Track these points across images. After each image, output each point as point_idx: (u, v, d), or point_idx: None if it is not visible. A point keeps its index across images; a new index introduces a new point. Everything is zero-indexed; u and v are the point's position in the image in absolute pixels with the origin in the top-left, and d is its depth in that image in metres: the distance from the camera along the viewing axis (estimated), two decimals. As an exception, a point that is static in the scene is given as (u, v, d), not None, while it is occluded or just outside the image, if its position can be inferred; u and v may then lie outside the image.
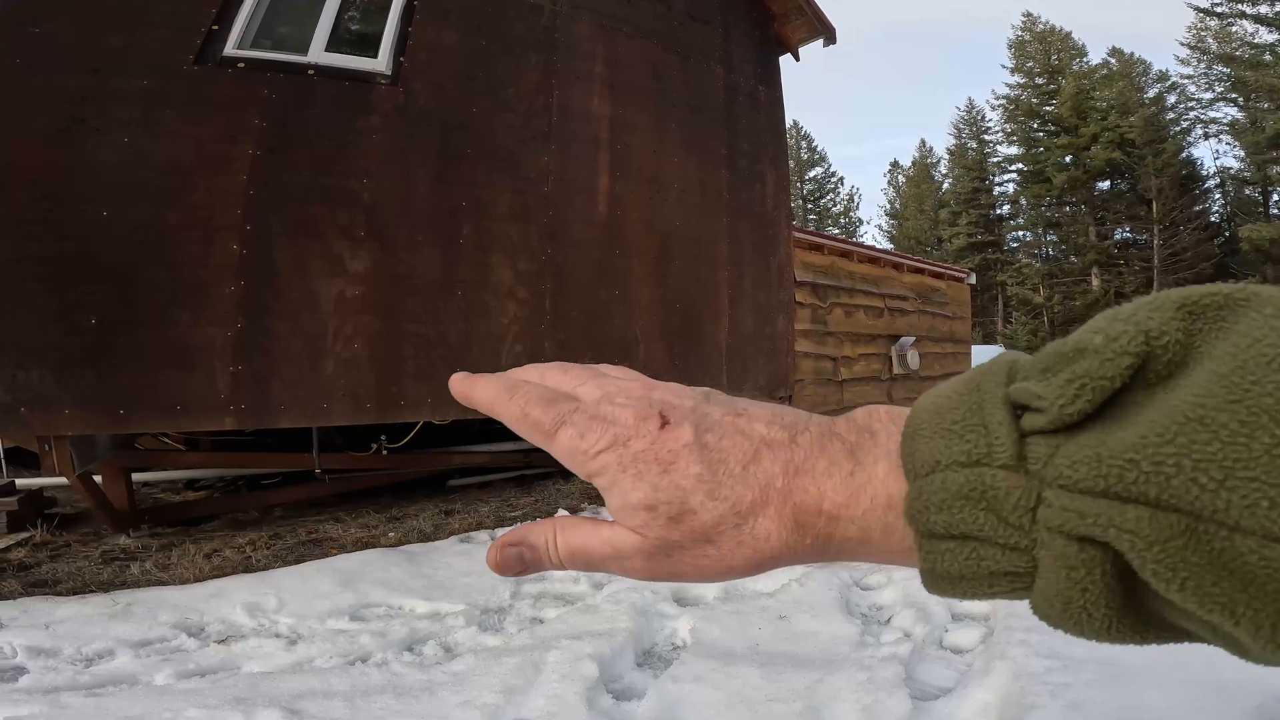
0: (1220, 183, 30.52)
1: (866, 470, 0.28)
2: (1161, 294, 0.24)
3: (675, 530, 0.30)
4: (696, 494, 0.29)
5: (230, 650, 2.30)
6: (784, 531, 0.29)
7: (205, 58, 3.31)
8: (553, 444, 0.33)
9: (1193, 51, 28.04)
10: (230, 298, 3.21)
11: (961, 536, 0.24)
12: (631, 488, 0.30)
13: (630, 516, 0.31)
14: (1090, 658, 1.95)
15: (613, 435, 0.31)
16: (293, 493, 4.23)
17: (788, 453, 0.29)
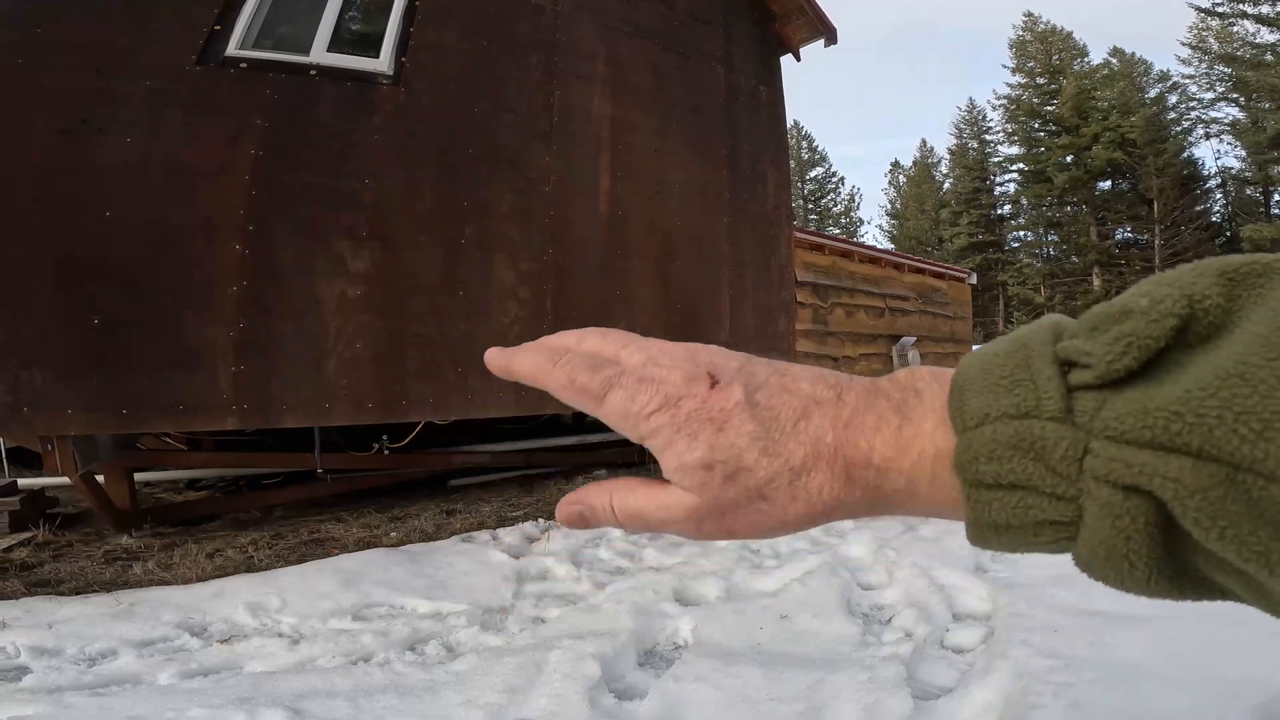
0: (1221, 183, 30.50)
1: (914, 425, 0.29)
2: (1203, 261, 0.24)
3: (731, 488, 0.31)
4: (751, 451, 0.30)
5: (233, 650, 2.30)
6: (836, 485, 0.30)
7: (207, 58, 3.31)
8: (602, 408, 0.33)
9: (1194, 51, 28.04)
10: (232, 298, 3.21)
11: (1009, 486, 0.25)
12: (687, 448, 0.31)
13: (687, 476, 0.31)
14: (1092, 657, 1.95)
15: (663, 396, 0.31)
16: (294, 492, 4.24)
17: (835, 410, 0.30)
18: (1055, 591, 2.52)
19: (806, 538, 3.57)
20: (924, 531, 3.56)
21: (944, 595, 2.63)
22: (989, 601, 2.58)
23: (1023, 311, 33.83)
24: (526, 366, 0.37)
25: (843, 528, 3.76)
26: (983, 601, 2.61)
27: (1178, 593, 0.24)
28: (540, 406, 4.24)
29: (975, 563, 3.03)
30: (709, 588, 2.83)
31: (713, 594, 2.78)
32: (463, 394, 3.86)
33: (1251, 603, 0.23)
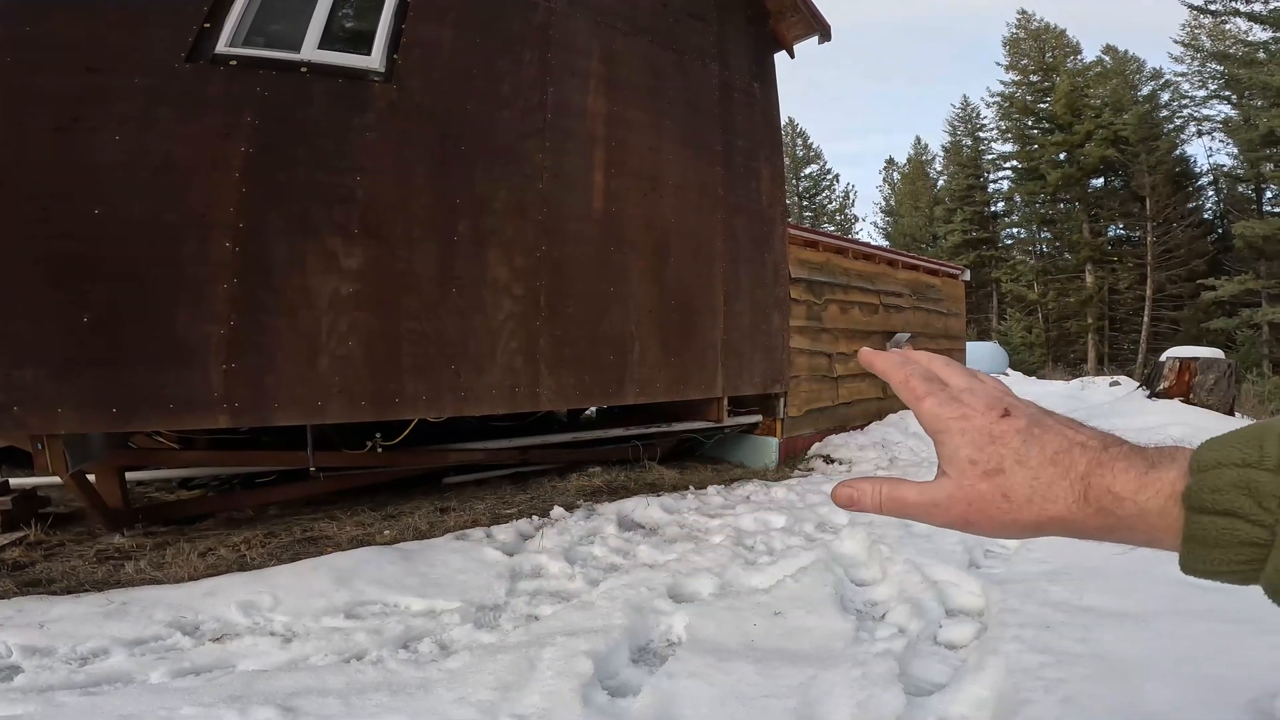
0: (1213, 180, 30.58)
1: (1159, 471, 0.37)
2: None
3: (984, 482, 0.41)
4: (1009, 461, 0.40)
5: (225, 648, 2.29)
6: (1070, 500, 0.39)
7: (197, 56, 3.30)
8: (919, 405, 0.45)
9: (1186, 49, 28.04)
10: (223, 295, 3.20)
11: (1223, 512, 0.34)
12: (963, 444, 0.42)
13: (955, 465, 0.42)
14: (1084, 653, 1.96)
15: (962, 412, 0.43)
16: (287, 491, 4.22)
17: (1095, 454, 0.39)
18: (1047, 588, 2.54)
19: (801, 534, 3.58)
20: (917, 528, 3.57)
21: (937, 591, 2.64)
22: (981, 597, 2.59)
23: (1016, 308, 33.94)
24: (883, 364, 0.49)
25: (837, 523, 3.77)
26: (975, 598, 2.62)
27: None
28: (533, 404, 4.23)
29: (968, 559, 3.04)
30: (703, 584, 2.83)
31: (706, 591, 2.79)
32: (456, 391, 3.85)
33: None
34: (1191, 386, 8.35)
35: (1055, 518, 0.39)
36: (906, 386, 0.46)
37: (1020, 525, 0.41)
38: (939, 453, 0.43)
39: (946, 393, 0.44)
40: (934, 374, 0.47)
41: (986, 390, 0.44)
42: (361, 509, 4.06)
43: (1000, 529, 0.41)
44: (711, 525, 3.78)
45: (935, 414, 0.43)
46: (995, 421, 0.41)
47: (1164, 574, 2.60)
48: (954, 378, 0.46)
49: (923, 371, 0.47)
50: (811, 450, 6.41)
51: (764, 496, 4.57)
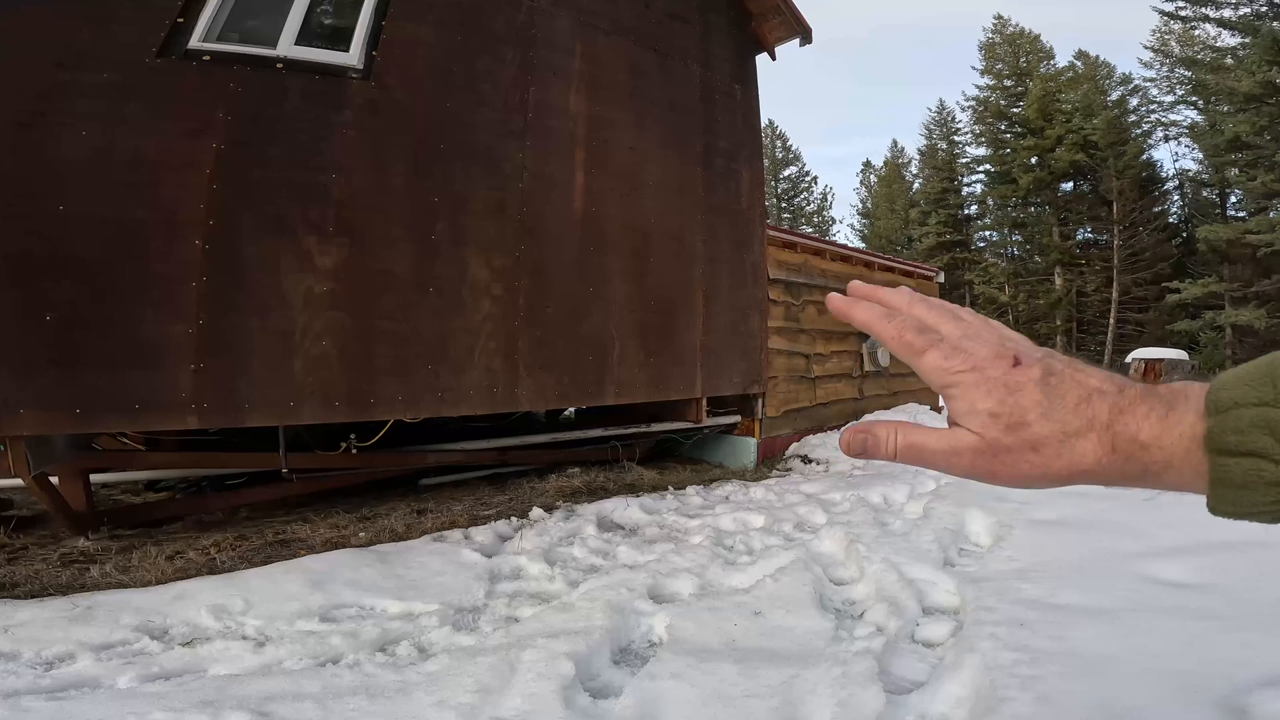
0: (1179, 184, 31.32)
1: (1178, 414, 0.37)
2: None
3: (1009, 436, 0.40)
4: (1033, 413, 0.40)
5: (195, 653, 2.24)
6: (1100, 451, 0.39)
7: (169, 51, 3.22)
8: (920, 361, 0.43)
9: (1156, 55, 28.67)
10: (192, 294, 3.13)
11: (1246, 454, 0.34)
12: (981, 398, 0.41)
13: (973, 419, 0.41)
14: (1058, 650, 1.99)
15: (972, 363, 0.41)
16: (259, 493, 4.14)
17: (1115, 399, 0.39)
18: (1021, 586, 2.58)
19: (780, 534, 3.60)
20: (894, 527, 3.61)
21: (914, 590, 2.67)
22: (957, 596, 2.63)
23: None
24: (863, 317, 0.47)
25: (815, 523, 3.79)
26: (951, 596, 2.65)
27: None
28: (512, 405, 4.20)
29: (943, 557, 3.08)
30: (683, 585, 2.83)
31: (687, 591, 2.79)
32: (434, 392, 3.81)
33: None
34: (1157, 387, 8.57)
35: (1085, 470, 0.39)
36: (901, 342, 0.44)
37: (1050, 477, 0.40)
38: (951, 406, 0.43)
39: (947, 343, 0.43)
40: (926, 324, 0.44)
41: (985, 337, 0.43)
42: (336, 511, 4.00)
43: (1027, 481, 0.41)
44: (691, 525, 3.78)
45: (941, 368, 0.42)
46: (1008, 372, 0.41)
47: (1132, 571, 2.66)
48: (943, 324, 0.44)
49: (915, 323, 0.44)
50: (789, 450, 6.46)
51: (743, 497, 4.59)
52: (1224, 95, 21.65)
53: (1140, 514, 3.41)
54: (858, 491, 4.41)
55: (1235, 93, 20.39)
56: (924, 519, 3.70)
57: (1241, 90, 19.86)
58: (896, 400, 8.52)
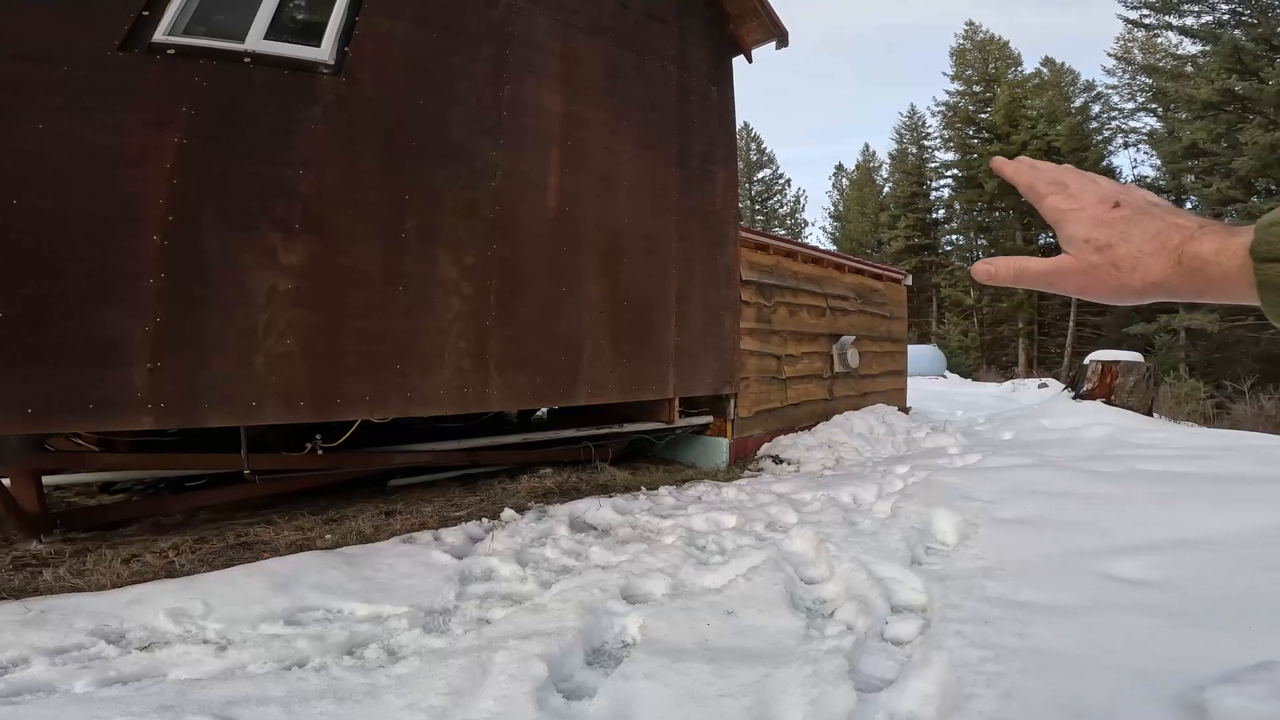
0: (1137, 191, 32.28)
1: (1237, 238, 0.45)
2: None
3: (1096, 256, 0.51)
4: (1115, 237, 0.50)
5: (154, 657, 2.17)
6: (1167, 266, 0.48)
7: (132, 44, 3.14)
8: (1043, 203, 0.56)
9: (1119, 62, 29.47)
10: (149, 290, 3.03)
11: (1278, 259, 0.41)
12: (1079, 228, 0.52)
13: (1073, 244, 0.52)
14: (1021, 647, 2.04)
15: (1078, 204, 0.53)
16: (220, 495, 4.03)
17: (1190, 232, 0.47)
18: (986, 583, 2.63)
19: (752, 533, 3.62)
20: (863, 526, 3.66)
21: (882, 588, 2.71)
22: (924, 594, 2.67)
23: (954, 313, 35.21)
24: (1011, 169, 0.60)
25: (786, 523, 3.83)
26: (918, 594, 2.69)
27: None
28: (483, 405, 4.16)
29: (910, 556, 3.13)
30: (656, 585, 2.83)
31: (660, 591, 2.79)
32: (402, 392, 3.76)
33: None
34: (1113, 388, 8.83)
35: (1155, 282, 0.48)
36: (1032, 189, 0.57)
37: (1128, 289, 0.50)
38: (1059, 236, 0.53)
39: (1066, 191, 0.55)
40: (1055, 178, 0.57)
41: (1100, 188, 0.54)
42: (301, 513, 3.91)
43: (1111, 293, 0.51)
44: (664, 526, 3.79)
45: (1056, 207, 0.54)
46: (1106, 211, 0.51)
47: (1091, 568, 2.74)
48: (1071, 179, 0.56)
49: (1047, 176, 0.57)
50: (761, 451, 6.51)
51: (715, 497, 4.61)
52: (1183, 102, 22.24)
53: (1100, 512, 3.51)
54: (828, 491, 4.46)
55: (1194, 100, 20.96)
56: (892, 518, 3.75)
57: (1200, 98, 20.44)
58: (866, 400, 8.64)
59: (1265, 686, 1.60)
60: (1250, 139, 18.45)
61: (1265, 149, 18.02)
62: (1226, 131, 20.29)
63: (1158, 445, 6.02)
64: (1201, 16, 21.52)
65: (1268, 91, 18.44)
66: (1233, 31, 19.95)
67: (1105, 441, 6.65)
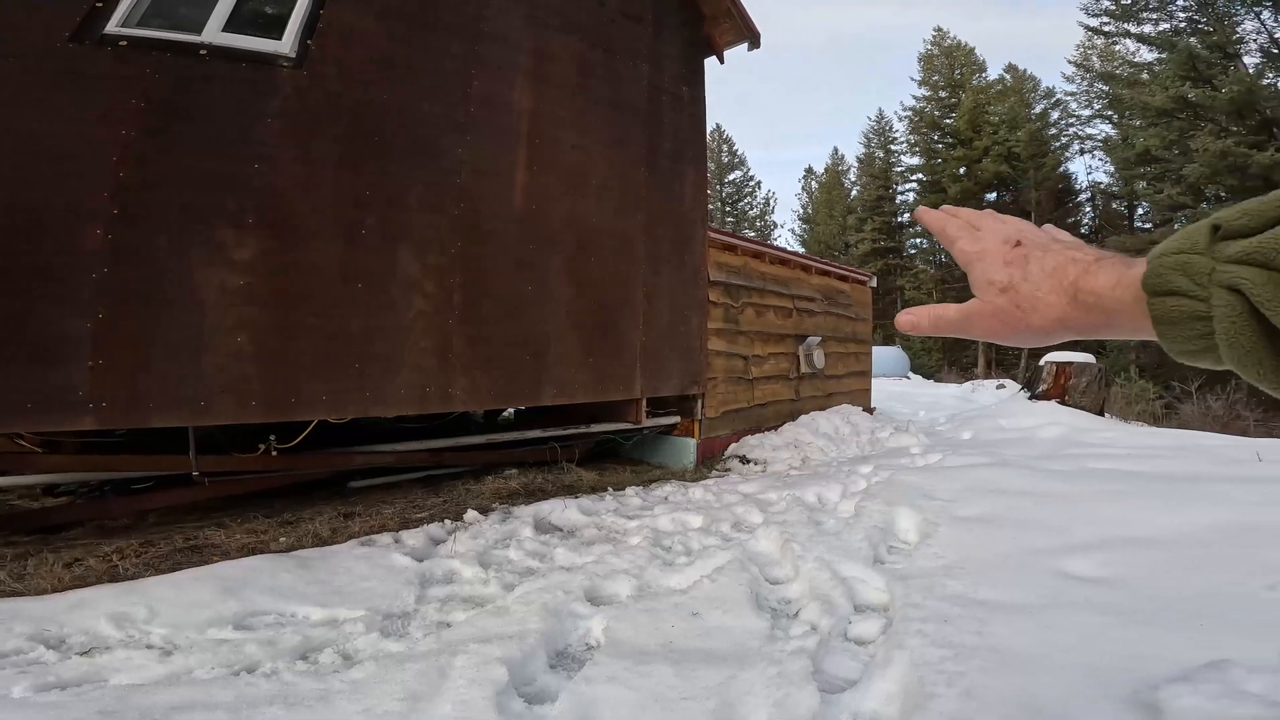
0: (1091, 196, 33.32)
1: (1130, 272, 0.43)
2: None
3: (1002, 298, 0.50)
4: (1017, 277, 0.50)
5: (95, 662, 2.09)
6: (1064, 302, 0.47)
7: (84, 36, 3.05)
8: (953, 246, 0.56)
9: (1079, 69, 30.30)
10: (92, 286, 2.92)
11: (1170, 292, 0.40)
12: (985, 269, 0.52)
13: (980, 288, 0.52)
14: (980, 645, 2.06)
15: (984, 246, 0.53)
16: (168, 497, 3.87)
17: (1086, 266, 0.47)
18: (946, 582, 2.66)
19: (718, 534, 3.62)
20: (827, 526, 3.69)
21: (846, 588, 2.72)
22: (886, 593, 2.69)
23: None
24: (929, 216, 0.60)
25: (752, 523, 3.84)
26: (881, 593, 2.72)
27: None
28: (446, 405, 4.09)
29: (873, 555, 3.16)
30: (620, 586, 2.81)
31: (624, 593, 2.77)
32: (360, 392, 3.67)
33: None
34: (1067, 389, 9.08)
35: (1057, 319, 0.48)
36: (944, 235, 0.58)
37: (1034, 329, 0.49)
38: (970, 281, 0.54)
39: (974, 234, 0.55)
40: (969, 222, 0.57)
41: (1005, 228, 0.54)
42: (254, 515, 3.79)
43: (1021, 335, 0.51)
44: (630, 527, 3.76)
45: (964, 250, 0.55)
46: (1008, 250, 0.52)
47: (1046, 566, 2.79)
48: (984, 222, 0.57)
49: (958, 223, 0.57)
50: (728, 451, 6.53)
51: (682, 497, 4.60)
52: (1137, 109, 22.83)
53: (1054, 510, 3.59)
54: (793, 491, 4.49)
55: (1148, 107, 21.56)
56: (855, 517, 3.79)
57: (1154, 105, 21.05)
58: (831, 401, 8.74)
59: (1217, 686, 1.64)
60: (1201, 146, 19.09)
61: (1215, 156, 18.68)
62: (1178, 138, 20.94)
63: (1109, 445, 6.20)
64: (1159, 24, 22.13)
65: (1220, 99, 19.12)
66: (1188, 39, 20.60)
67: (1059, 441, 6.83)
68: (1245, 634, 2.01)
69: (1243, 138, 18.95)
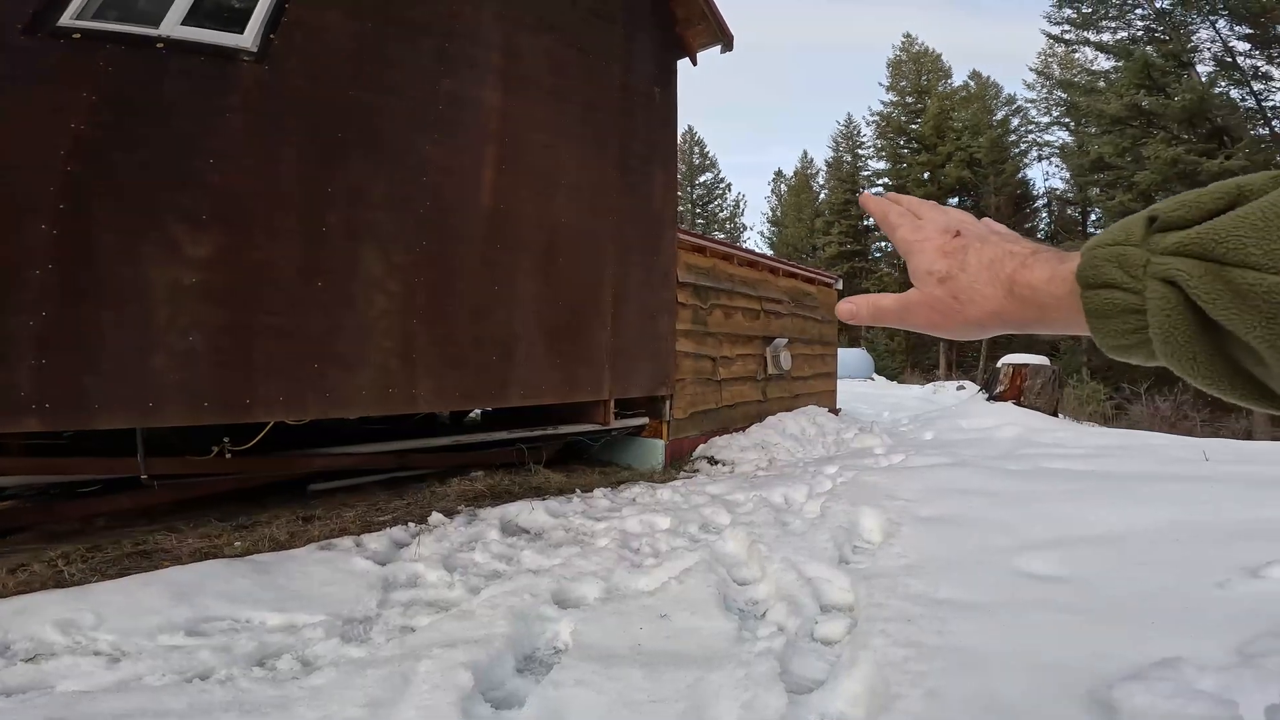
0: (1048, 202, 34.27)
1: (1066, 264, 0.43)
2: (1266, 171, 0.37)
3: (940, 288, 0.50)
4: (954, 268, 0.49)
5: (40, 669, 2.02)
6: (999, 295, 0.46)
7: (36, 28, 2.95)
8: (894, 234, 0.55)
9: (1039, 76, 31.10)
10: (35, 282, 2.80)
11: (1105, 285, 0.39)
12: (923, 259, 0.51)
13: (918, 277, 0.51)
14: (942, 645, 2.10)
15: (924, 235, 0.52)
16: (117, 501, 3.73)
17: (1023, 259, 0.46)
18: (908, 581, 2.71)
19: (686, 535, 3.62)
20: (794, 526, 3.72)
21: (812, 588, 2.75)
22: (851, 593, 2.72)
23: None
24: (872, 203, 0.60)
25: (720, 524, 3.85)
26: (845, 593, 2.75)
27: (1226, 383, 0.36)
28: (409, 406, 4.02)
29: (838, 555, 3.20)
30: (588, 589, 2.79)
31: (592, 595, 2.75)
32: (320, 392, 3.58)
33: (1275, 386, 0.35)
34: (1023, 390, 9.35)
35: (993, 312, 0.47)
36: (886, 222, 0.57)
37: (971, 321, 0.49)
38: (910, 270, 0.52)
39: (916, 222, 0.54)
40: (910, 210, 0.56)
41: (946, 218, 0.54)
42: (208, 520, 3.67)
43: (958, 327, 0.50)
44: (598, 528, 3.75)
45: (904, 239, 0.53)
46: (948, 240, 0.51)
47: (1005, 565, 2.86)
48: (925, 211, 0.56)
49: (899, 210, 0.56)
50: (696, 452, 6.55)
51: (650, 498, 4.60)
52: (1093, 117, 23.46)
53: (1011, 510, 3.68)
54: (761, 492, 4.52)
55: (1103, 115, 22.20)
56: (821, 518, 3.83)
57: (1109, 112, 21.69)
58: (798, 402, 8.84)
59: (1170, 684, 1.69)
60: (1153, 153, 19.76)
61: (1166, 163, 19.35)
62: (1131, 145, 21.61)
63: (1063, 444, 6.39)
64: (1118, 33, 22.75)
65: (1173, 107, 19.80)
66: (1145, 48, 21.27)
67: (1015, 441, 7.01)
68: (1196, 632, 2.08)
69: (1193, 145, 19.69)
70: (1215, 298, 0.33)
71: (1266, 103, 20.00)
